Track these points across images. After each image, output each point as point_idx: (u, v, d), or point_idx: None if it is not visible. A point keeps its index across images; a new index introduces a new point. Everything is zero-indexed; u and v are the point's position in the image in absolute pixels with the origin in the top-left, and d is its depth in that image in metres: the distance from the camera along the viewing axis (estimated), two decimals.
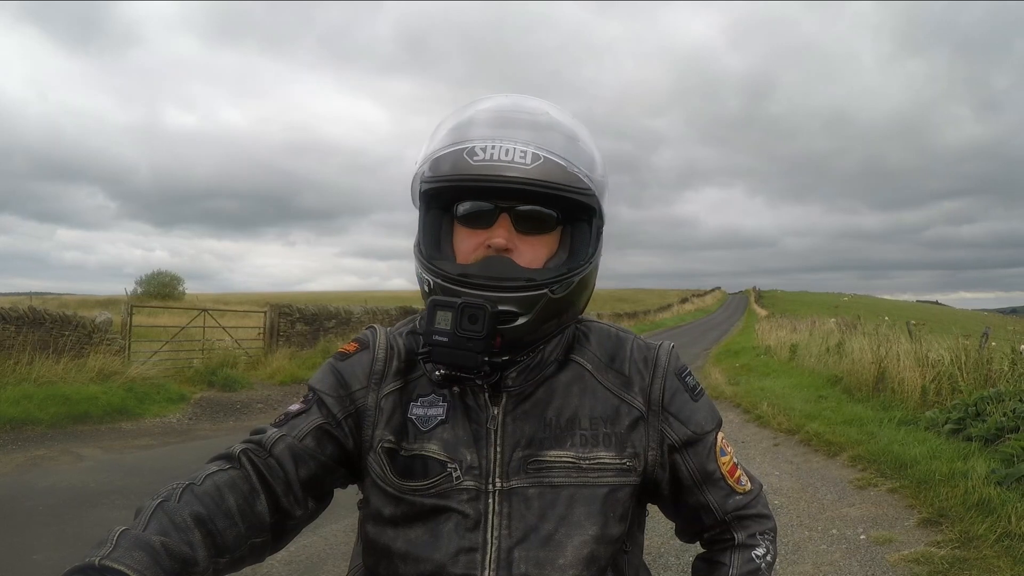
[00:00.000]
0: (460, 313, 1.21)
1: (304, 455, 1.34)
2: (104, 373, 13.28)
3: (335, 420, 1.37)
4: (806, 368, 17.63)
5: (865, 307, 56.75)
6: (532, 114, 1.31)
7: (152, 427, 11.63)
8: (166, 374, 15.09)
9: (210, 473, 1.27)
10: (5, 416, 10.42)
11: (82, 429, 10.85)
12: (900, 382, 11.77)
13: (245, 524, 1.23)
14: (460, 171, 1.25)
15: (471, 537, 1.27)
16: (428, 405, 1.37)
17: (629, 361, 1.43)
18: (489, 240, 1.28)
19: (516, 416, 1.34)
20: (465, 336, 1.21)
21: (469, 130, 1.28)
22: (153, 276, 52.11)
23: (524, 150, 1.24)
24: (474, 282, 1.24)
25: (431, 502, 1.29)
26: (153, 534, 1.10)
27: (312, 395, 1.42)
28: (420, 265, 1.33)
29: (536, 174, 1.24)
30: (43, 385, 11.92)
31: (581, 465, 1.31)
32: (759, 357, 23.20)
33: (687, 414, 1.41)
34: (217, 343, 18.20)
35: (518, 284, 1.25)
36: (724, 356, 25.99)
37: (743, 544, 1.43)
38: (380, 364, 1.41)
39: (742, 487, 1.46)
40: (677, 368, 1.45)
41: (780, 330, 29.05)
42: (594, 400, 1.37)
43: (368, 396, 1.39)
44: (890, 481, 7.44)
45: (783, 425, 11.02)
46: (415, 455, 1.32)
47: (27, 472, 8.33)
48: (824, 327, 23.67)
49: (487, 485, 1.29)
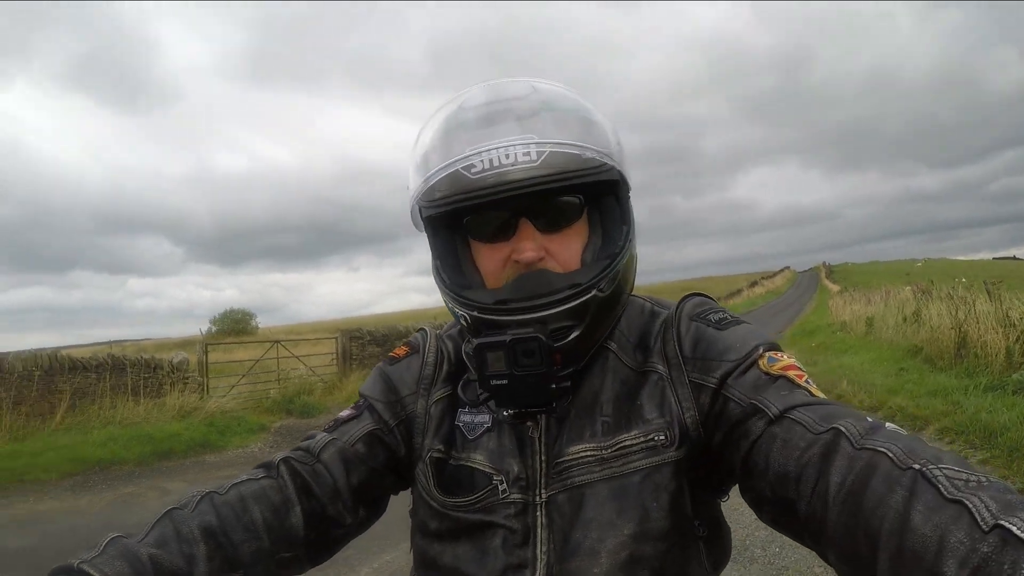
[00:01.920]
0: (512, 352, 1.10)
1: (355, 460, 1.28)
2: (184, 410, 13.62)
3: (387, 426, 1.32)
4: (884, 341, 17.21)
5: (939, 271, 55.41)
6: (520, 99, 1.18)
7: (235, 458, 11.81)
8: (244, 406, 15.31)
9: (237, 482, 1.21)
10: (93, 458, 10.71)
11: (167, 465, 11.08)
12: (982, 346, 11.34)
13: (271, 537, 1.17)
14: (462, 189, 1.12)
15: (520, 553, 1.16)
16: (476, 412, 1.29)
17: (654, 334, 1.27)
18: (516, 256, 1.16)
19: (559, 418, 1.22)
20: (526, 373, 1.10)
21: (458, 138, 1.15)
22: (226, 314, 53.02)
23: (526, 146, 1.10)
24: (515, 307, 1.13)
25: (476, 518, 1.20)
26: (147, 544, 1.05)
27: (363, 401, 1.36)
28: (448, 299, 1.23)
29: (546, 168, 1.10)
30: (127, 426, 12.30)
31: (603, 455, 1.16)
32: (835, 334, 22.77)
33: (718, 348, 1.17)
34: (292, 372, 18.42)
35: (562, 296, 1.12)
36: (799, 336, 25.52)
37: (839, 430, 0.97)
38: (430, 369, 1.36)
39: (813, 389, 1.09)
40: (693, 312, 1.26)
41: (854, 304, 28.49)
42: (615, 381, 1.23)
43: (418, 402, 1.33)
44: (980, 452, 7.24)
45: (864, 402, 10.70)
46: (462, 465, 1.25)
47: (117, 509, 8.59)
48: (899, 296, 23.07)
49: (535, 497, 1.18)
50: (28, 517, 8.25)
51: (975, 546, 0.72)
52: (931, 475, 0.81)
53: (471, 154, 1.11)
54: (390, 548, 5.95)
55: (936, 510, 0.77)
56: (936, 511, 0.77)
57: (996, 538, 0.71)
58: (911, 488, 0.80)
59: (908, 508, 0.79)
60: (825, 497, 0.90)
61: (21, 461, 10.23)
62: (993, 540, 0.71)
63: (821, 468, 0.92)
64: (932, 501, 0.78)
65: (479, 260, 1.23)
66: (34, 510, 8.58)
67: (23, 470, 9.95)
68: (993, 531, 0.71)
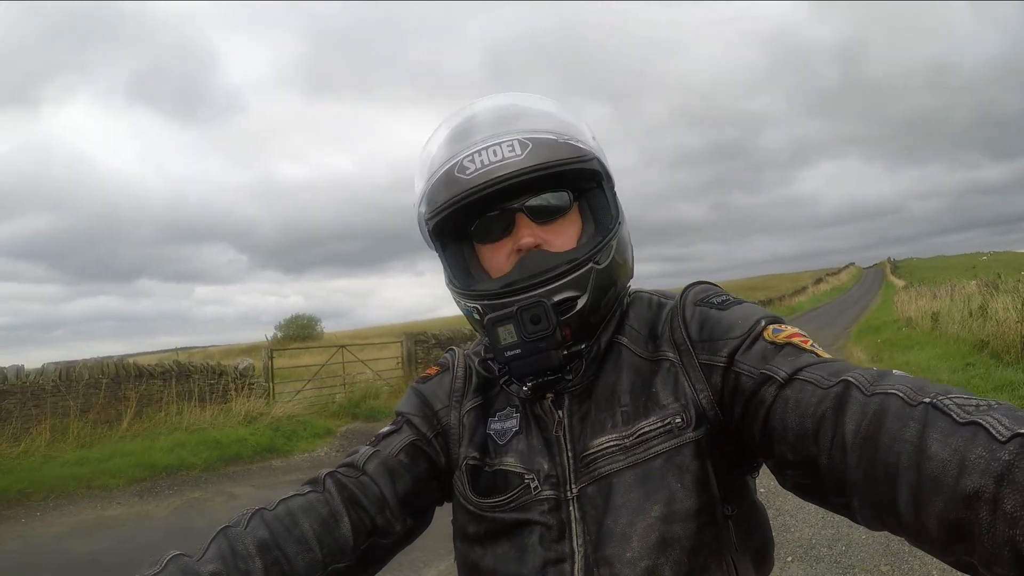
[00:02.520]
0: (521, 319, 1.16)
1: (399, 470, 1.32)
2: (250, 416, 13.86)
3: (425, 438, 1.37)
4: (950, 336, 16.86)
5: (1005, 264, 54.21)
6: (501, 109, 1.28)
7: (301, 462, 11.97)
8: (310, 411, 15.54)
9: (284, 498, 1.25)
10: (160, 464, 10.93)
11: (234, 470, 11.28)
12: None
13: (323, 549, 1.20)
14: (458, 190, 1.21)
15: (557, 548, 1.19)
16: (504, 418, 1.34)
17: (663, 322, 1.31)
18: (517, 244, 1.25)
19: (582, 415, 1.26)
20: (536, 338, 1.16)
21: (450, 148, 1.25)
22: (292, 320, 53.47)
23: (511, 141, 1.20)
24: (520, 286, 1.19)
25: (512, 517, 1.24)
26: (207, 562, 1.09)
27: (400, 418, 1.42)
28: (459, 297, 1.30)
29: (532, 160, 1.19)
30: (194, 432, 12.55)
31: (625, 444, 1.20)
32: (901, 330, 22.42)
33: (723, 327, 1.20)
34: (358, 376, 18.62)
35: (562, 269, 1.19)
36: (865, 333, 25.15)
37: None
38: (460, 383, 1.41)
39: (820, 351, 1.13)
40: (697, 298, 1.29)
41: (920, 299, 28.01)
42: (631, 373, 1.27)
43: (451, 415, 1.39)
44: None
45: None
46: (497, 470, 1.29)
47: (183, 514, 8.77)
48: (964, 291, 22.69)
49: (565, 492, 1.22)
50: (95, 523, 8.45)
51: (996, 455, 0.75)
52: (942, 404, 0.84)
53: (462, 157, 1.21)
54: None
55: (951, 434, 0.80)
56: (952, 435, 0.80)
57: (1016, 445, 0.74)
58: (924, 420, 0.84)
59: (923, 438, 0.82)
60: (843, 446, 0.93)
61: (88, 468, 10.49)
62: (1013, 447, 0.74)
63: (836, 420, 0.95)
64: (946, 428, 0.81)
65: (485, 260, 1.31)
66: (101, 516, 8.79)
67: (90, 476, 10.20)
68: (1012, 440, 0.75)
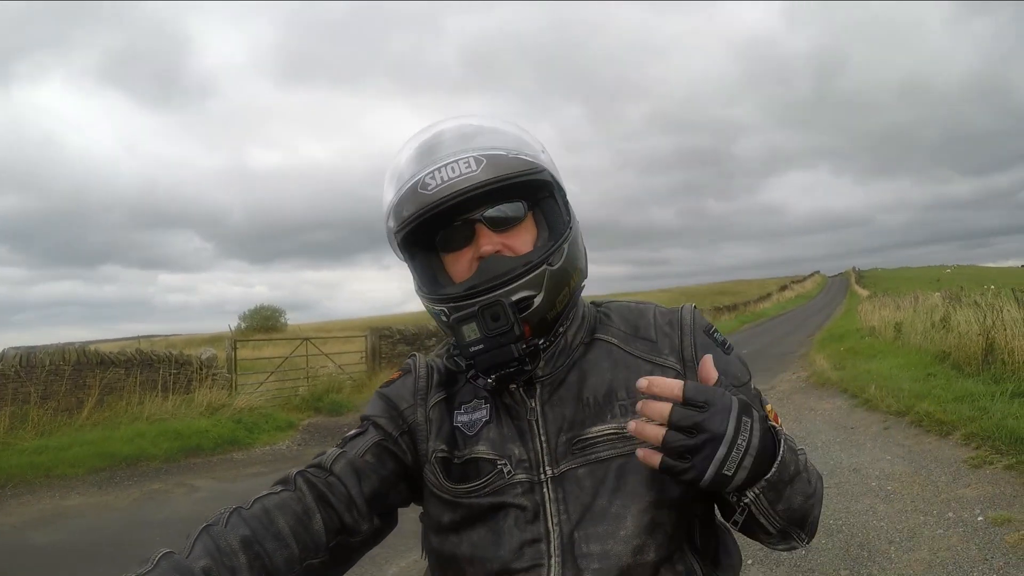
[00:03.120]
0: (482, 317, 1.26)
1: (366, 470, 1.37)
2: (212, 407, 13.74)
3: (391, 437, 1.42)
4: (912, 346, 17.05)
5: (969, 277, 55.03)
6: (456, 130, 1.38)
7: (263, 455, 11.90)
8: (273, 404, 15.44)
9: (259, 497, 1.30)
10: (120, 454, 10.82)
11: (195, 462, 11.19)
12: (1010, 352, 11.25)
13: (299, 545, 1.25)
14: (421, 205, 1.30)
15: (532, 529, 1.28)
16: (472, 410, 1.41)
17: (654, 327, 1.44)
18: (478, 252, 1.34)
19: (553, 403, 1.36)
20: (497, 334, 1.26)
21: (412, 167, 1.34)
22: (256, 310, 53.12)
23: (467, 158, 1.29)
24: (481, 288, 1.28)
25: (487, 501, 1.32)
26: (197, 559, 1.14)
27: (366, 422, 1.46)
28: (427, 301, 1.39)
29: (486, 174, 1.29)
30: (155, 422, 12.42)
31: (624, 434, 1.29)
32: (863, 339, 22.61)
33: (722, 367, 1.32)
34: (321, 370, 18.61)
35: (519, 271, 1.28)
36: (828, 341, 25.37)
37: None
38: (423, 382, 1.48)
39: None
40: (704, 325, 1.45)
41: (883, 309, 28.29)
42: (627, 370, 1.38)
43: (417, 412, 1.45)
44: (1006, 458, 7.17)
45: (892, 407, 10.67)
46: (468, 460, 1.36)
47: (143, 506, 8.69)
48: (928, 302, 22.94)
49: (539, 475, 1.31)
50: (54, 513, 8.37)
51: None
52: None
53: (423, 174, 1.30)
54: (417, 548, 5.93)
55: None
56: None
57: None
58: None
59: None
60: None
61: (48, 456, 10.37)
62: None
63: None
64: None
65: (450, 268, 1.40)
66: (60, 506, 8.70)
67: (50, 465, 10.09)
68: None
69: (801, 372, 17.28)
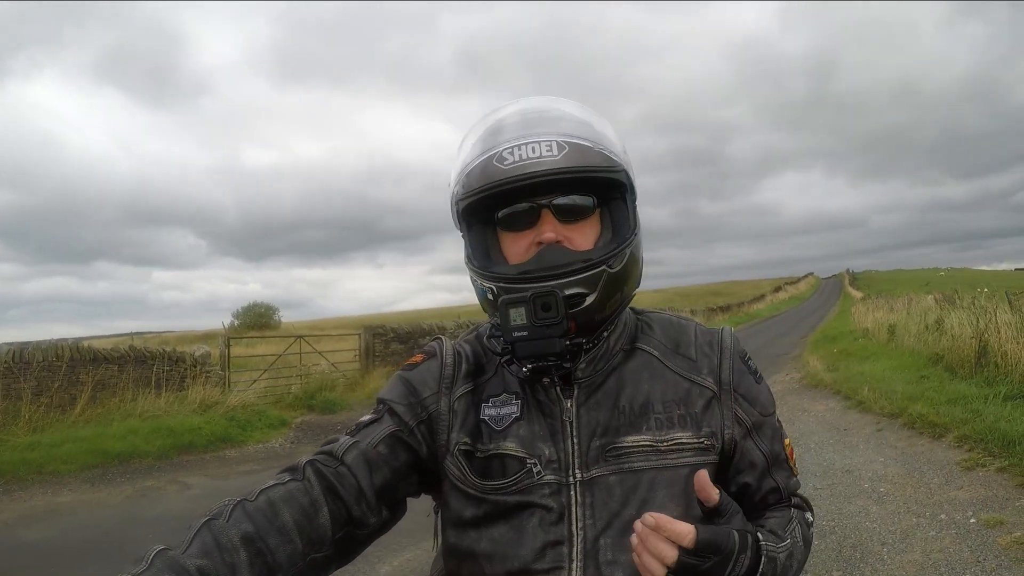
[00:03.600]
0: (533, 304, 1.23)
1: (378, 462, 1.34)
2: (205, 404, 13.71)
3: (407, 428, 1.38)
4: (906, 348, 17.10)
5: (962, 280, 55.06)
6: (546, 111, 1.35)
7: (255, 453, 11.88)
8: (266, 401, 15.44)
9: (265, 488, 1.27)
10: (113, 451, 10.78)
11: (188, 459, 11.16)
12: (1003, 355, 11.27)
13: (303, 539, 1.22)
14: (493, 178, 1.28)
15: (556, 531, 1.27)
16: (501, 404, 1.38)
17: (695, 345, 1.45)
18: (539, 237, 1.31)
19: (589, 406, 1.35)
20: (544, 324, 1.23)
21: (493, 139, 1.31)
22: (249, 308, 52.92)
23: (549, 142, 1.27)
24: (536, 275, 1.27)
25: (514, 499, 1.30)
26: (192, 556, 1.10)
27: (383, 406, 1.43)
28: (477, 276, 1.36)
29: (566, 162, 1.27)
30: (148, 419, 12.37)
31: (659, 448, 1.32)
32: (857, 341, 22.67)
33: (754, 395, 1.43)
34: (314, 368, 18.52)
35: (577, 267, 1.27)
36: (822, 342, 25.39)
37: (799, 507, 1.46)
38: (449, 369, 1.44)
39: (796, 470, 1.50)
40: (740, 351, 1.47)
41: (877, 311, 28.34)
42: (664, 384, 1.38)
43: (440, 401, 1.41)
44: (999, 460, 7.20)
45: (885, 409, 10.70)
46: (492, 455, 1.34)
47: (136, 503, 8.67)
48: (921, 304, 23.03)
49: (568, 477, 1.30)
50: (46, 510, 8.34)
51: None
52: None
53: (502, 148, 1.28)
54: (411, 546, 5.97)
55: None
56: None
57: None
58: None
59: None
60: None
61: (40, 453, 10.33)
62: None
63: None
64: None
65: (505, 247, 1.38)
66: (52, 503, 8.67)
67: (42, 462, 10.06)
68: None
69: (795, 373, 17.32)
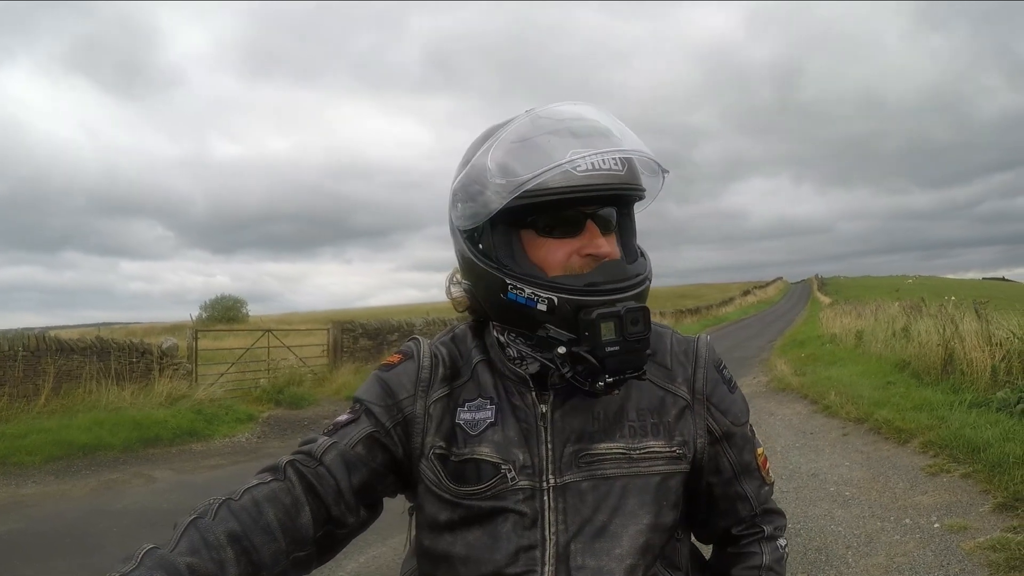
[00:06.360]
0: (624, 320, 1.23)
1: (356, 462, 1.35)
2: (172, 397, 13.60)
3: (384, 429, 1.39)
4: (873, 354, 17.27)
5: (929, 288, 55.65)
6: (595, 120, 1.33)
7: (222, 447, 11.79)
8: (233, 395, 15.34)
9: (249, 487, 1.28)
10: (78, 443, 10.64)
11: (153, 452, 11.04)
12: (969, 363, 11.41)
13: (286, 539, 1.24)
14: (568, 185, 1.25)
15: (529, 535, 1.30)
16: (476, 409, 1.39)
17: (670, 354, 1.46)
18: (592, 250, 1.29)
19: (564, 412, 1.36)
20: (635, 339, 1.23)
21: (554, 146, 1.26)
22: (217, 301, 52.66)
23: (615, 157, 1.28)
24: (606, 288, 1.27)
25: (488, 504, 1.32)
26: (181, 554, 1.12)
27: (359, 406, 1.43)
28: (531, 286, 1.28)
29: (630, 178, 1.31)
30: (113, 411, 12.22)
31: (632, 455, 1.34)
32: (824, 346, 22.82)
33: (727, 405, 1.46)
34: (282, 362, 18.42)
35: (637, 280, 1.31)
36: (789, 347, 25.59)
37: (771, 535, 1.49)
38: (426, 372, 1.44)
39: (770, 478, 1.53)
40: (715, 360, 1.50)
41: (845, 317, 28.62)
42: (639, 392, 1.40)
43: (416, 404, 1.41)
44: (963, 466, 7.26)
45: (851, 414, 10.78)
46: (467, 459, 1.35)
47: (100, 495, 8.55)
48: (889, 311, 23.22)
49: (541, 482, 1.32)
50: (9, 502, 8.23)
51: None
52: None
53: (576, 157, 1.24)
54: (377, 543, 5.95)
55: None
56: None
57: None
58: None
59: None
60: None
61: (3, 444, 10.18)
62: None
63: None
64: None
65: (540, 253, 1.32)
66: (16, 495, 8.57)
67: (5, 453, 9.92)
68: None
69: (762, 377, 17.39)
